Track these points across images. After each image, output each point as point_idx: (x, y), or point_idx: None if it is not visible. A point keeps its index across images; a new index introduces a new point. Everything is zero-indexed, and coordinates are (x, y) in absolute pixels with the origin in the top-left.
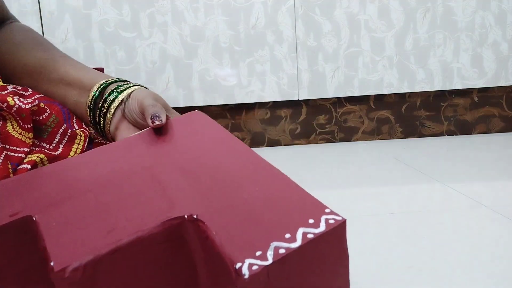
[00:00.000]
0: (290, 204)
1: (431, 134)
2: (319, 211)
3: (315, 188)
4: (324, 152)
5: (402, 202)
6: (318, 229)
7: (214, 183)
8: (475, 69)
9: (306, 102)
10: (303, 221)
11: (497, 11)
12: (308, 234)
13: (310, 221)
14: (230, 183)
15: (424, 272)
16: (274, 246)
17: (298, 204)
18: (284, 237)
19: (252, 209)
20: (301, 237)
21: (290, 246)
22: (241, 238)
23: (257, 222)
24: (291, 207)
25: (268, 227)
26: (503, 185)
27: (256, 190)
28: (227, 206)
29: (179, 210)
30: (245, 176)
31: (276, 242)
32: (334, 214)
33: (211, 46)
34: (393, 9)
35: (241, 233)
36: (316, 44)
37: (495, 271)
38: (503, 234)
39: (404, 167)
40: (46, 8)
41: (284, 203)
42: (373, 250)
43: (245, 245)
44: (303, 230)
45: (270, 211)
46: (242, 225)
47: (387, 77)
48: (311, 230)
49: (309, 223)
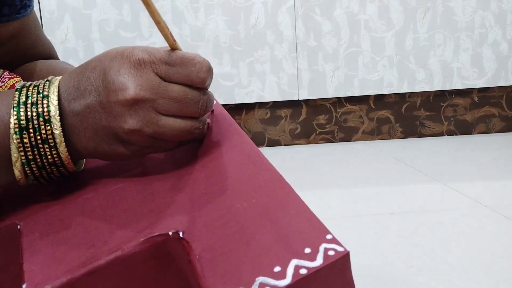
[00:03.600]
0: (287, 224)
1: (431, 134)
2: (318, 238)
3: (315, 188)
4: (324, 152)
5: (402, 202)
6: (313, 263)
7: (209, 190)
8: (475, 69)
9: (306, 102)
10: (298, 250)
11: (497, 11)
12: (301, 269)
13: (306, 250)
14: (226, 191)
15: (424, 272)
16: (260, 283)
17: (296, 226)
18: (273, 271)
19: (243, 227)
20: (292, 273)
21: (277, 285)
22: (225, 267)
23: (246, 245)
24: (288, 229)
25: (258, 254)
26: (503, 185)
27: (253, 202)
28: (218, 221)
29: (165, 224)
30: (244, 183)
31: (262, 277)
32: (336, 243)
33: (211, 46)
34: (393, 9)
35: (226, 259)
36: (316, 44)
37: (495, 271)
38: (503, 234)
39: (404, 167)
40: (46, 8)
41: (280, 223)
42: (373, 250)
43: (228, 278)
44: (296, 262)
45: (263, 231)
46: (229, 248)
47: (387, 77)
48: (305, 263)
49: (305, 254)
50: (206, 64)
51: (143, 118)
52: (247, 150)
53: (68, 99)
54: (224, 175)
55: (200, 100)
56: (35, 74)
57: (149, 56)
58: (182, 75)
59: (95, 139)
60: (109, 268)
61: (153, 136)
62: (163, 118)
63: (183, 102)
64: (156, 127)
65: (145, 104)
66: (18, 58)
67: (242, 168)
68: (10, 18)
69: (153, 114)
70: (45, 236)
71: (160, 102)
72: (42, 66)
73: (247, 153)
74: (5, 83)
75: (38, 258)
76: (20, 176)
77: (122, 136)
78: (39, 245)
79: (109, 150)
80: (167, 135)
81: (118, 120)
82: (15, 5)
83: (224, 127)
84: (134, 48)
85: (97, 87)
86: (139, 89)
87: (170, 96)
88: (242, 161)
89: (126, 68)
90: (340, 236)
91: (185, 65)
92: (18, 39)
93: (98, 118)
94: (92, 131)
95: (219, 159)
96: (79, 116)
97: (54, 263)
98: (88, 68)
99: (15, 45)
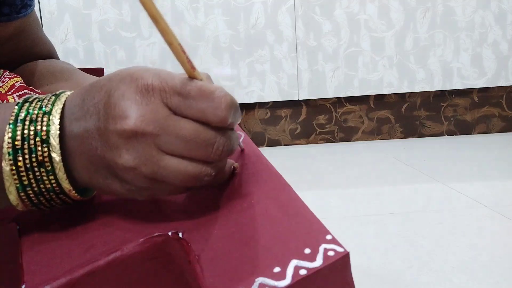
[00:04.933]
0: (286, 224)
1: (431, 134)
2: (318, 238)
3: (315, 188)
4: (324, 152)
5: (402, 202)
6: (313, 264)
7: (208, 190)
8: (475, 69)
9: (306, 102)
10: (298, 250)
11: (497, 11)
12: (300, 270)
13: (306, 251)
14: (225, 190)
15: (424, 272)
16: (259, 283)
17: (295, 226)
18: (272, 272)
19: (243, 227)
20: (292, 273)
21: (277, 285)
22: (225, 267)
23: (245, 245)
24: (287, 229)
25: (257, 254)
26: (503, 185)
27: (252, 202)
28: (217, 221)
29: (164, 225)
30: (243, 182)
31: (261, 278)
32: (336, 244)
33: (211, 46)
34: (393, 9)
35: (226, 259)
36: (316, 44)
37: (495, 271)
38: (503, 234)
39: (404, 167)
40: (46, 8)
41: (280, 223)
42: (373, 250)
43: (227, 278)
44: (296, 263)
45: (262, 231)
46: (228, 249)
47: (387, 77)
48: (305, 264)
49: (304, 254)
50: (227, 100)
51: (141, 155)
52: (246, 148)
53: (71, 118)
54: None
55: (216, 142)
56: (35, 74)
57: (160, 83)
58: (196, 110)
59: (89, 168)
60: (108, 268)
61: (152, 177)
62: (166, 158)
63: (193, 143)
64: (156, 168)
65: (145, 139)
66: (19, 58)
67: (241, 167)
68: (10, 17)
69: (154, 152)
70: (44, 236)
71: (165, 139)
72: (43, 66)
73: (245, 152)
74: (5, 83)
75: (38, 258)
76: (16, 202)
77: (116, 172)
78: (38, 245)
79: (103, 183)
80: (169, 179)
81: (113, 152)
82: (15, 4)
83: None
84: (147, 70)
85: (98, 110)
86: (140, 120)
87: (178, 134)
88: (241, 160)
89: (131, 93)
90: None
91: (202, 99)
92: (18, 38)
93: (94, 146)
94: (88, 158)
95: None
96: (77, 139)
97: (53, 263)
98: (96, 86)
99: (15, 45)
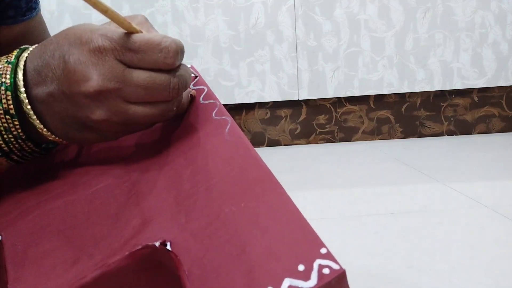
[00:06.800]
0: (279, 234)
1: (431, 134)
2: (312, 253)
3: (315, 188)
4: (324, 152)
5: (402, 202)
6: (307, 283)
7: (195, 190)
8: (475, 69)
9: (306, 102)
10: (291, 267)
11: (497, 11)
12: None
13: (300, 267)
14: (213, 191)
15: (424, 272)
16: None
17: (288, 236)
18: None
19: (233, 237)
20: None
21: None
22: (215, 284)
23: (237, 259)
24: (280, 240)
25: (249, 270)
26: (503, 185)
27: (242, 206)
28: (206, 229)
29: (151, 233)
30: (232, 182)
31: None
32: (331, 260)
33: (211, 46)
34: (393, 9)
35: (216, 276)
36: (316, 44)
37: (495, 271)
38: (503, 234)
39: (404, 167)
40: (46, 8)
41: (272, 232)
42: (373, 250)
43: None
44: (289, 282)
45: (254, 242)
46: (218, 263)
47: (387, 77)
48: (299, 283)
49: (298, 272)
50: (173, 47)
51: (111, 108)
52: (234, 140)
53: (31, 84)
54: (211, 172)
55: (171, 83)
56: None
57: (110, 43)
58: (148, 61)
59: (62, 127)
60: (97, 284)
61: (123, 123)
62: (132, 107)
63: (151, 89)
64: (126, 116)
65: (111, 94)
66: None
67: (229, 163)
68: (15, 20)
69: (121, 103)
70: (28, 249)
71: (127, 91)
72: None
73: (234, 143)
74: None
75: (23, 275)
76: None
77: (91, 125)
78: (23, 260)
79: (80, 136)
80: (139, 122)
81: (85, 111)
82: (20, 7)
83: (209, 109)
84: (91, 31)
85: (58, 76)
86: (102, 80)
87: (137, 84)
88: (229, 154)
89: (86, 56)
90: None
91: (151, 51)
92: (23, 41)
93: (64, 107)
94: (59, 119)
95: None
96: (43, 103)
97: (40, 281)
98: (47, 52)
99: None
